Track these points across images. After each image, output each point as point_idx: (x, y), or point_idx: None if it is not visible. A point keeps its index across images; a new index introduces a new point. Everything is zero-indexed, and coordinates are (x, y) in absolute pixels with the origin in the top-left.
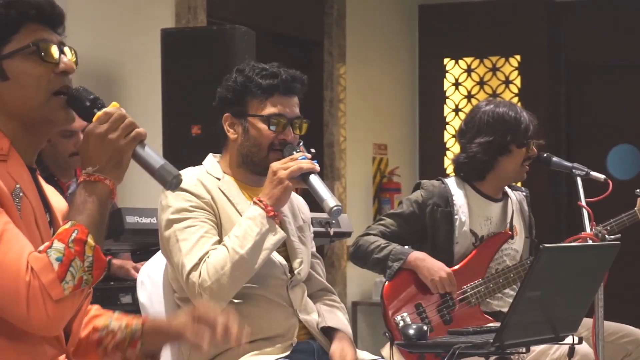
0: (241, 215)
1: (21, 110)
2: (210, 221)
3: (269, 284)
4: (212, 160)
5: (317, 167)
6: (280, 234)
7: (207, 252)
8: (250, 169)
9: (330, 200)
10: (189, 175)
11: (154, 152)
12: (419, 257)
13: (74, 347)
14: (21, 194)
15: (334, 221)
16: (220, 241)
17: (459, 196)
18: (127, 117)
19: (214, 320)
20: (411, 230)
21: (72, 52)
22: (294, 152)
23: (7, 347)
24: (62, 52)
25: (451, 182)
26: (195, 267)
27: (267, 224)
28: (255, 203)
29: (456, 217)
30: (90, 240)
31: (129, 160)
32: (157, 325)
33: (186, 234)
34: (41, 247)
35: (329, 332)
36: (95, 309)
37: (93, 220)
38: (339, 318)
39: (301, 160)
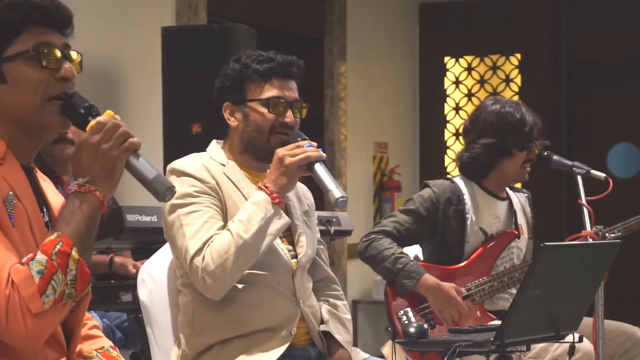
0: (247, 200)
1: (17, 114)
2: (215, 206)
3: (274, 271)
4: (215, 147)
5: (324, 155)
6: (284, 219)
7: (211, 237)
8: (253, 155)
9: (335, 191)
10: (193, 160)
11: (147, 163)
12: (431, 286)
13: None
14: (14, 201)
15: (334, 219)
16: (224, 226)
17: (467, 195)
18: (120, 125)
19: None
20: (424, 227)
21: (78, 55)
22: (299, 139)
23: (7, 351)
24: (65, 56)
25: (459, 181)
26: (199, 251)
27: (271, 209)
28: (260, 188)
29: (468, 215)
30: (74, 253)
31: (122, 171)
32: None
33: (190, 219)
34: (24, 259)
35: (329, 338)
36: (92, 324)
37: (79, 233)
38: (344, 334)
39: (308, 147)
